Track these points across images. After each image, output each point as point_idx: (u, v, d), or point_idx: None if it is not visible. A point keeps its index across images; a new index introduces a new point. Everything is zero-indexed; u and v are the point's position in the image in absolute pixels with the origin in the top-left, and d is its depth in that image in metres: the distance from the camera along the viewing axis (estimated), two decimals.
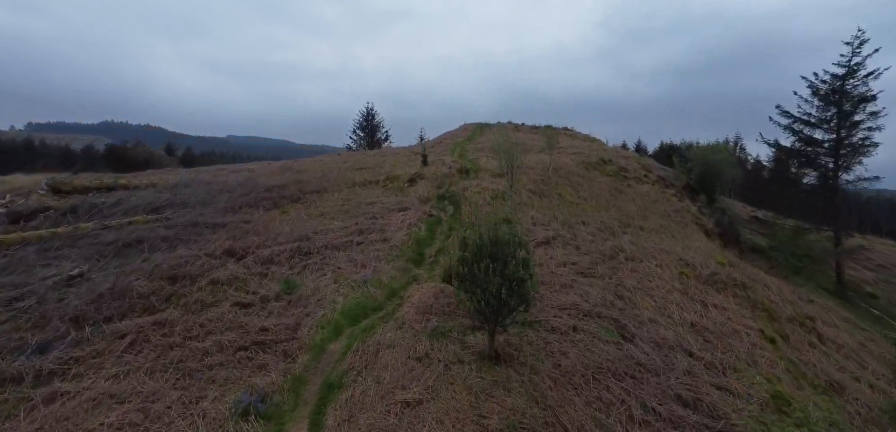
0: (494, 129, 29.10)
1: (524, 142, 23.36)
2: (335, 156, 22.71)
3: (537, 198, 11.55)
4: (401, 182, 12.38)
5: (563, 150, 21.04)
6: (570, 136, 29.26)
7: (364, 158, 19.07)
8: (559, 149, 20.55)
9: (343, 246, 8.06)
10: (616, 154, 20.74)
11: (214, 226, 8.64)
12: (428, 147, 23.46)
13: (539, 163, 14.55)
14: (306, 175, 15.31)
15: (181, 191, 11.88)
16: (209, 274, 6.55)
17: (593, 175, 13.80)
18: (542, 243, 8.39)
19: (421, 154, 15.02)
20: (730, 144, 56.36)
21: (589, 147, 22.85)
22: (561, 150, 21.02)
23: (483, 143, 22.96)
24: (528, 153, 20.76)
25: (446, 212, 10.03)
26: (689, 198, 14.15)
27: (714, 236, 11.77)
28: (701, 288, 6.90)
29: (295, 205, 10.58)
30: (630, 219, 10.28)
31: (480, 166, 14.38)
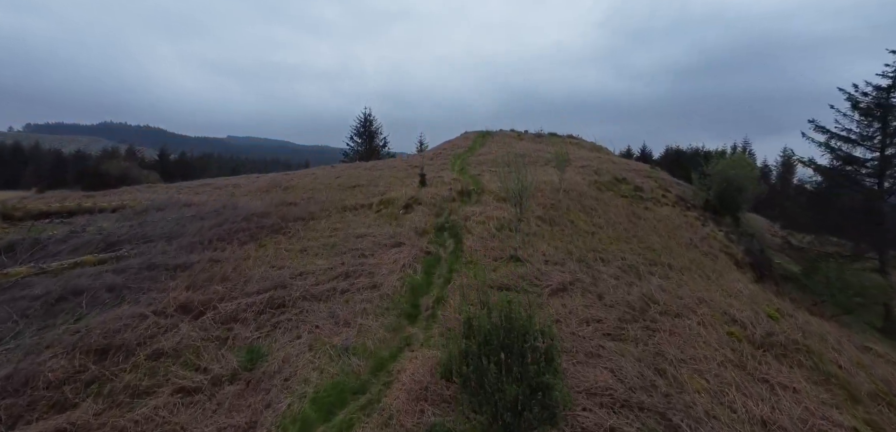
0: (496, 137, 27.90)
1: (528, 154, 22.16)
2: (328, 168, 21.50)
3: (547, 227, 10.31)
4: (396, 207, 11.13)
5: (571, 163, 19.82)
6: (575, 145, 28.07)
7: (358, 174, 17.83)
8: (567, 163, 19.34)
9: (324, 295, 6.81)
10: (626, 167, 19.53)
11: (175, 268, 7.39)
12: (427, 158, 22.25)
13: (548, 183, 13.30)
14: (293, 194, 14.07)
15: (150, 216, 10.64)
16: (153, 342, 5.29)
17: (608, 197, 12.56)
18: (557, 290, 7.14)
19: (419, 173, 13.77)
20: (738, 150, 55.04)
21: (597, 158, 21.65)
22: (568, 164, 19.81)
23: (485, 155, 21.73)
24: (534, 165, 19.55)
25: (446, 248, 8.78)
26: (713, 219, 12.91)
27: (745, 266, 10.53)
28: (758, 356, 5.64)
29: (275, 237, 9.33)
30: (655, 255, 9.03)
31: (483, 186, 13.13)
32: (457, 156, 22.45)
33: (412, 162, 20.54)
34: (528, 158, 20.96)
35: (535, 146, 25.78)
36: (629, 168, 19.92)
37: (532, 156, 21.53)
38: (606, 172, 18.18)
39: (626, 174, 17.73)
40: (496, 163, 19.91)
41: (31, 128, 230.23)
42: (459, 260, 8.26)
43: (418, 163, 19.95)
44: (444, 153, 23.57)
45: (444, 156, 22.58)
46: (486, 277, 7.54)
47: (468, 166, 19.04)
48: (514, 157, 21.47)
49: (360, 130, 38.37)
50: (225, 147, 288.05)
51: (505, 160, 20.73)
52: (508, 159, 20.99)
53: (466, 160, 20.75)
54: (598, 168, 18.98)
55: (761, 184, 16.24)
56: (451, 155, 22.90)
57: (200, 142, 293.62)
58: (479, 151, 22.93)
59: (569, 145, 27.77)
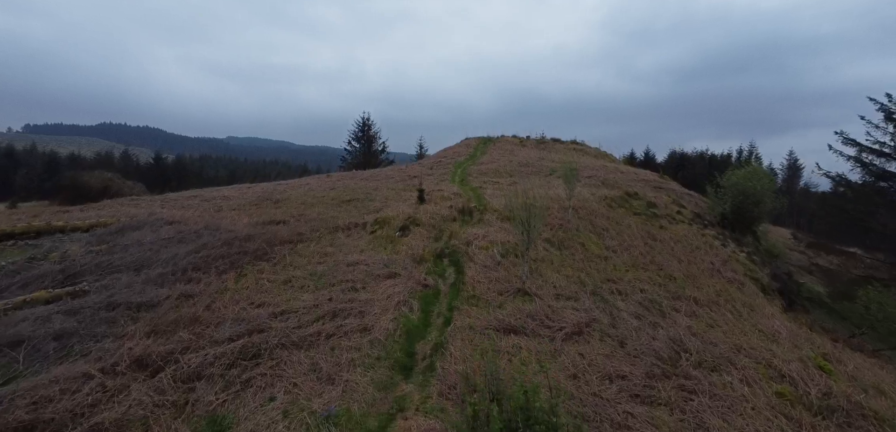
0: (498, 144, 27.06)
1: (531, 163, 21.32)
2: (324, 178, 20.64)
3: (556, 252, 9.44)
4: (392, 228, 10.26)
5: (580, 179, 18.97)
6: (580, 152, 27.24)
7: (354, 185, 16.99)
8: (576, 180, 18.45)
9: (307, 341, 5.93)
10: (635, 177, 18.68)
11: (140, 307, 6.52)
12: (426, 167, 21.39)
13: (555, 199, 12.43)
14: (283, 210, 13.21)
15: (125, 238, 9.77)
16: (93, 413, 4.41)
17: (620, 215, 11.68)
18: (573, 334, 6.26)
19: (417, 188, 12.90)
20: (744, 153, 54.04)
21: (603, 167, 20.80)
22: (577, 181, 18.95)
23: (487, 164, 20.88)
24: (537, 176, 18.69)
25: (445, 279, 7.90)
26: (732, 238, 12.04)
27: (772, 292, 9.65)
28: (817, 425, 4.76)
29: (258, 264, 8.45)
30: (678, 286, 8.16)
31: (486, 203, 12.25)
32: (458, 164, 21.60)
33: (411, 171, 19.70)
34: (531, 168, 20.14)
35: (538, 154, 24.95)
36: (638, 178, 19.07)
37: (535, 165, 20.71)
38: (615, 183, 17.33)
39: (636, 185, 16.87)
40: (499, 173, 19.09)
41: (30, 129, 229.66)
42: (461, 294, 7.38)
43: (417, 174, 19.12)
44: (445, 161, 22.73)
45: (444, 165, 21.73)
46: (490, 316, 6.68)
47: (469, 177, 18.19)
48: (518, 166, 20.64)
49: (359, 135, 37.55)
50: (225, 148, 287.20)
51: (508, 170, 19.90)
52: (511, 169, 20.16)
53: (467, 169, 19.91)
54: (606, 178, 18.14)
55: (780, 198, 15.36)
56: (451, 163, 22.06)
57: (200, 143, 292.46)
58: (481, 160, 22.08)
59: (573, 152, 26.96)
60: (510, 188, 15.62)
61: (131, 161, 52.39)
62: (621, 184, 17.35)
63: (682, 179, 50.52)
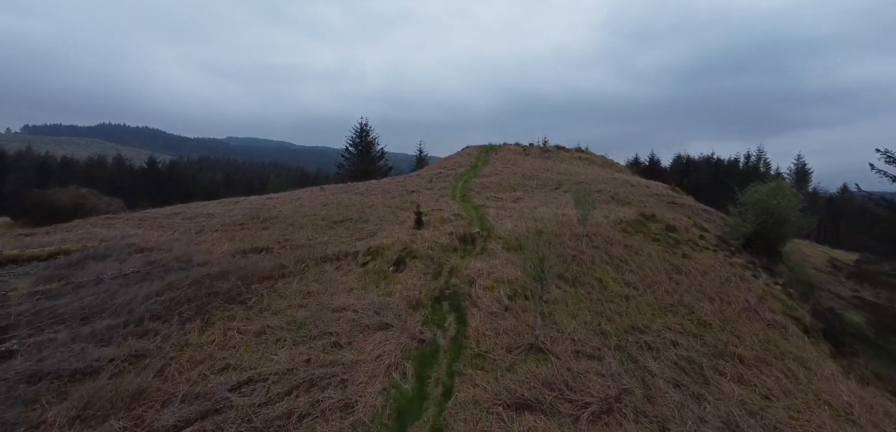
0: (500, 153, 25.92)
1: (535, 175, 20.21)
2: (317, 191, 19.52)
3: (570, 289, 8.31)
4: (386, 260, 9.14)
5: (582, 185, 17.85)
6: (585, 161, 26.14)
7: (348, 201, 15.87)
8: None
9: (274, 426, 4.80)
10: (646, 191, 17.57)
11: (73, 375, 5.39)
12: (425, 180, 20.27)
13: (564, 222, 11.30)
14: (269, 232, 12.12)
15: (84, 270, 8.65)
16: None
17: (638, 242, 10.56)
18: (599, 414, 5.13)
19: (415, 211, 11.78)
20: (751, 159, 52.76)
21: (613, 179, 19.68)
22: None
23: (490, 177, 19.76)
24: (542, 190, 17.59)
25: (445, 331, 6.76)
26: (763, 266, 10.92)
27: (815, 333, 8.53)
28: None
29: (230, 308, 7.33)
30: (716, 336, 7.02)
31: (490, 227, 11.13)
32: (458, 176, 20.49)
33: (409, 185, 18.60)
34: (535, 181, 19.03)
35: (542, 164, 23.84)
36: (650, 192, 17.97)
37: (540, 178, 19.59)
38: (626, 199, 16.22)
39: (649, 203, 15.76)
40: (501, 187, 17.99)
41: (29, 130, 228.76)
42: (463, 352, 6.25)
43: (415, 188, 18.01)
44: (445, 173, 21.61)
45: (444, 177, 20.62)
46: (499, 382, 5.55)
47: (470, 192, 17.07)
48: (522, 180, 19.52)
49: (356, 141, 36.41)
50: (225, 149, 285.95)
51: (511, 183, 18.79)
52: (515, 182, 19.05)
53: (468, 183, 18.79)
54: (616, 192, 17.04)
55: (810, 217, 14.26)
56: (452, 175, 20.95)
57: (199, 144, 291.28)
58: (483, 171, 20.97)
59: (578, 161, 25.88)
60: (514, 206, 14.53)
61: (124, 166, 51.29)
62: (633, 200, 16.25)
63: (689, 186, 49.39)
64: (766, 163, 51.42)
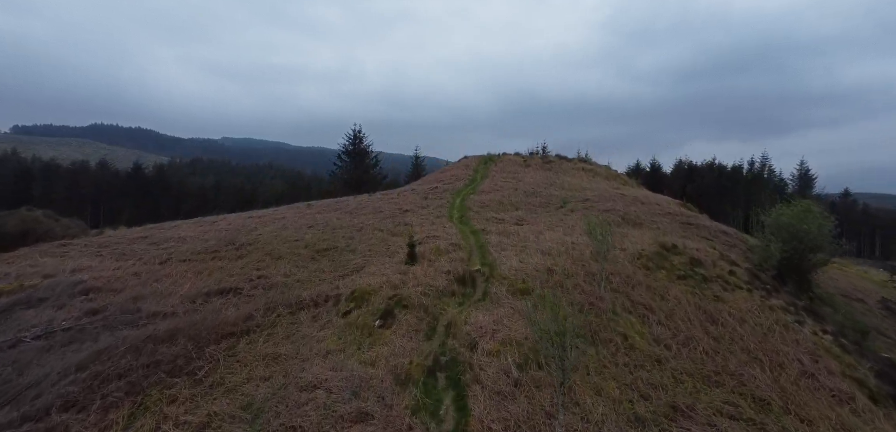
0: (500, 164, 24.56)
1: (538, 192, 18.88)
2: (304, 209, 18.08)
3: (591, 349, 6.92)
4: (371, 308, 7.73)
5: (588, 203, 16.54)
6: (589, 173, 24.83)
7: (336, 221, 14.46)
8: (586, 205, 16.01)
9: None
10: (657, 209, 16.28)
11: None
12: (420, 197, 18.87)
13: (578, 259, 9.92)
14: (244, 262, 10.73)
15: (5, 324, 7.17)
16: None
17: (661, 281, 9.20)
18: None
19: (407, 243, 10.38)
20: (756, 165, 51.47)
21: (621, 196, 18.37)
22: (589, 206, 16.54)
23: (490, 194, 18.38)
24: (547, 209, 16.25)
25: (440, 422, 5.36)
26: (806, 309, 9.59)
27: (884, 400, 7.21)
28: None
29: (172, 385, 5.89)
30: (780, 426, 5.67)
31: (492, 262, 9.73)
32: (456, 192, 19.11)
33: (402, 203, 17.19)
34: (538, 198, 17.68)
35: (544, 176, 22.51)
36: (661, 210, 16.66)
37: (543, 194, 18.25)
38: (637, 219, 14.91)
39: (664, 224, 14.45)
40: (502, 205, 16.64)
41: (19, 131, 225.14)
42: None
43: (410, 206, 16.60)
44: (441, 187, 20.22)
45: (440, 192, 19.23)
46: None
47: (469, 211, 15.68)
48: (524, 196, 18.15)
49: (349, 148, 34.90)
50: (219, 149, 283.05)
51: (512, 200, 17.42)
52: (516, 199, 17.69)
53: (467, 200, 17.41)
54: (626, 212, 15.71)
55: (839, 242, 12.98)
56: (449, 190, 19.56)
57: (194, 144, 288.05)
58: (482, 186, 19.58)
59: (582, 173, 24.59)
60: (518, 230, 13.18)
61: (109, 170, 49.48)
62: (645, 221, 14.94)
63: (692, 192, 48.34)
64: (770, 170, 50.43)
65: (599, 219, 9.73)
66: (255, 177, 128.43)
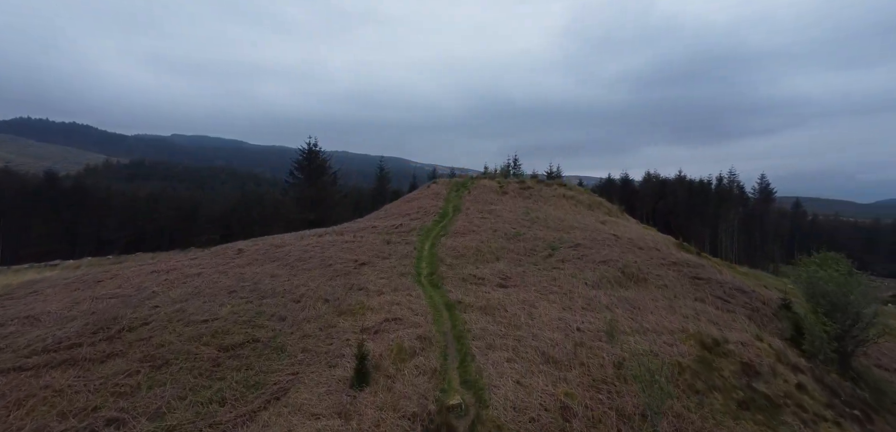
0: (474, 192, 21.75)
1: (520, 233, 16.22)
2: (232, 257, 14.33)
3: None
4: None
5: (580, 249, 14.04)
6: (571, 201, 22.53)
7: (267, 284, 10.98)
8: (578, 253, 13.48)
9: None
10: (661, 260, 14.06)
11: None
12: (383, 236, 15.63)
13: (595, 365, 7.16)
14: (107, 373, 7.13)
15: None
16: None
17: (718, 412, 6.62)
18: None
19: (356, 353, 7.21)
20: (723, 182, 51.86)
21: (612, 236, 16.07)
22: (581, 253, 14.04)
23: (462, 235, 15.48)
24: (533, 260, 13.58)
25: None
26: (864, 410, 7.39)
27: None
28: None
29: None
30: None
31: (483, 395, 6.73)
32: (425, 232, 16.05)
33: (359, 252, 13.89)
34: (523, 244, 14.98)
35: (523, 207, 19.95)
36: (662, 257, 14.46)
37: (527, 238, 15.59)
38: (639, 273, 12.56)
39: (668, 277, 12.16)
40: (481, 255, 13.81)
41: None
42: None
43: (367, 258, 13.37)
44: (408, 223, 17.07)
45: (406, 232, 16.09)
46: None
47: (441, 266, 12.69)
48: (505, 240, 15.39)
49: (303, 164, 30.78)
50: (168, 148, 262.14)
51: (492, 248, 14.62)
52: (497, 245, 14.89)
53: (438, 245, 14.43)
54: (625, 263, 13.33)
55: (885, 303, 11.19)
56: (416, 227, 16.48)
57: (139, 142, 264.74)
58: (455, 225, 16.63)
59: (563, 200, 22.28)
60: (504, 299, 10.36)
61: (15, 177, 41.89)
62: (650, 275, 12.61)
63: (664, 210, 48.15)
64: (739, 187, 51.13)
65: (651, 371, 6.95)
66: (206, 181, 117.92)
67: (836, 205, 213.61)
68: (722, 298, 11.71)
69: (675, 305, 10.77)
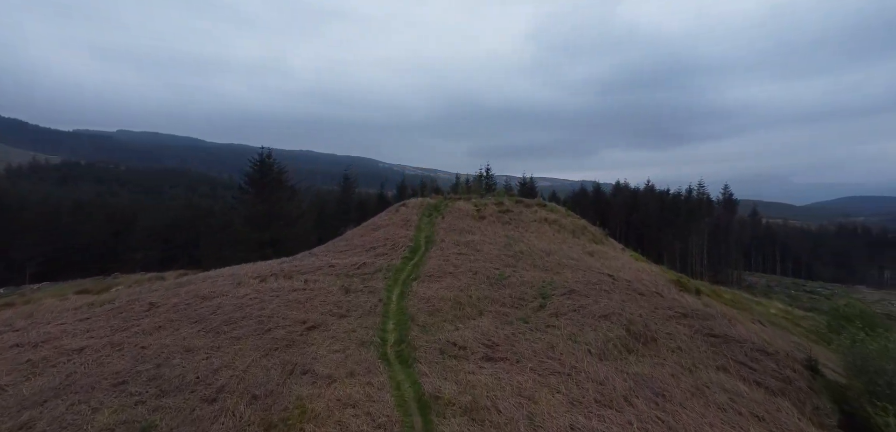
0: (448, 217, 19.37)
1: (504, 277, 14.01)
2: (136, 312, 11.12)
3: None
4: None
5: (574, 297, 12.06)
6: (555, 226, 20.66)
7: (175, 368, 8.02)
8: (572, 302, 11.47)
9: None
10: (667, 308, 12.36)
11: None
12: (340, 279, 12.87)
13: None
14: None
15: None
16: None
17: None
18: None
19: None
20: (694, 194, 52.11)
21: (598, 266, 14.20)
22: (575, 302, 12.04)
23: (436, 278, 13.06)
24: (520, 317, 11.46)
25: None
26: None
27: None
28: None
29: None
30: None
31: None
32: (392, 273, 13.45)
33: (310, 304, 11.10)
34: (509, 292, 12.73)
35: (504, 236, 17.81)
36: (669, 309, 12.73)
37: (512, 282, 13.41)
38: (646, 333, 10.73)
39: (679, 335, 10.34)
40: (459, 309, 11.47)
41: None
42: None
43: (319, 312, 10.64)
44: (371, 261, 14.38)
45: (369, 274, 13.42)
46: None
47: (412, 330, 10.19)
48: (487, 284, 13.12)
49: (255, 177, 27.07)
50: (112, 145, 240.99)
51: (471, 296, 12.28)
52: (478, 294, 12.57)
53: (408, 294, 11.91)
54: (629, 319, 11.44)
55: None
56: (383, 265, 13.85)
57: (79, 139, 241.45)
58: (428, 264, 14.13)
59: (546, 225, 20.37)
60: (489, 386, 8.07)
61: None
62: (659, 335, 10.76)
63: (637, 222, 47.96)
64: (708, 200, 51.84)
65: None
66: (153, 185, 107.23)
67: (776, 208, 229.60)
68: (746, 364, 9.99)
69: (698, 382, 8.88)
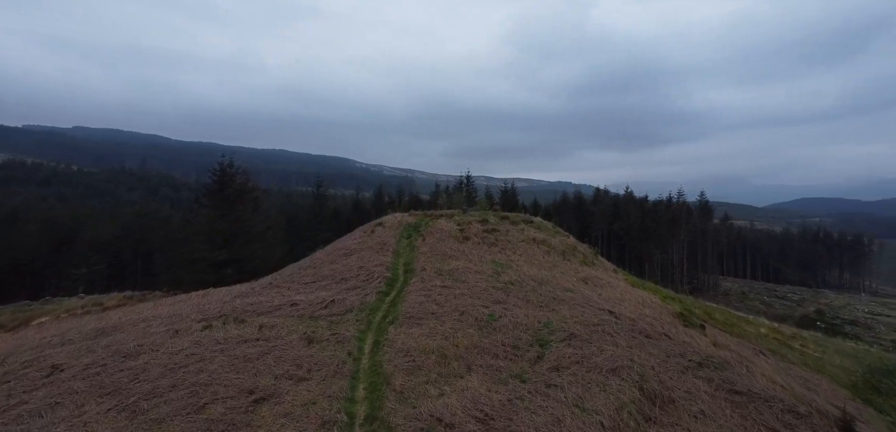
0: (429, 239, 17.58)
1: (495, 319, 12.40)
2: (40, 378, 8.79)
3: None
4: None
5: (573, 341, 10.61)
6: (543, 246, 19.26)
7: None
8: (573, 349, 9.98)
9: None
10: (672, 349, 10.99)
11: None
12: (303, 320, 10.87)
13: None
14: None
15: None
16: None
17: None
18: None
19: None
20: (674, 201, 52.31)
21: (601, 307, 12.87)
22: (576, 350, 10.56)
23: (416, 319, 11.20)
24: (515, 372, 9.91)
25: None
26: None
27: None
28: None
29: None
30: None
31: None
32: (366, 314, 11.54)
33: (265, 360, 9.07)
34: (500, 335, 11.07)
35: (491, 260, 16.22)
36: (682, 357, 11.43)
37: (502, 325, 11.80)
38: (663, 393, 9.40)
39: (702, 396, 8.98)
40: (445, 364, 9.76)
41: None
42: None
43: (274, 375, 8.62)
44: (342, 298, 12.40)
45: (339, 315, 11.47)
46: None
47: (387, 396, 8.37)
48: (476, 326, 11.37)
49: (213, 190, 24.27)
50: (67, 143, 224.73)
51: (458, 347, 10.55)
52: (466, 342, 10.83)
53: (384, 344, 10.07)
54: (641, 373, 10.07)
55: None
56: (354, 310, 11.90)
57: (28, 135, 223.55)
58: (406, 301, 12.28)
59: (534, 245, 18.96)
60: None
61: None
62: (677, 395, 9.39)
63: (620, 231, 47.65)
64: (687, 208, 52.19)
65: None
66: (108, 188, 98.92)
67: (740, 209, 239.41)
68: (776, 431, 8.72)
69: None
